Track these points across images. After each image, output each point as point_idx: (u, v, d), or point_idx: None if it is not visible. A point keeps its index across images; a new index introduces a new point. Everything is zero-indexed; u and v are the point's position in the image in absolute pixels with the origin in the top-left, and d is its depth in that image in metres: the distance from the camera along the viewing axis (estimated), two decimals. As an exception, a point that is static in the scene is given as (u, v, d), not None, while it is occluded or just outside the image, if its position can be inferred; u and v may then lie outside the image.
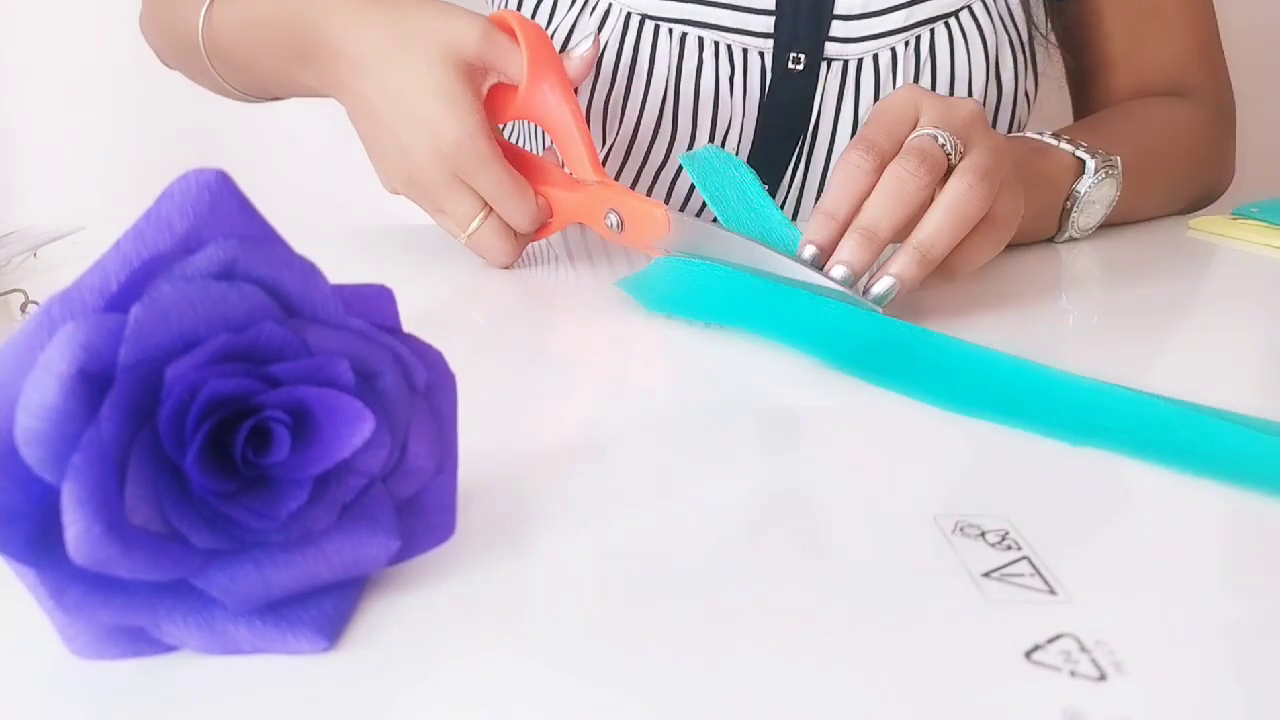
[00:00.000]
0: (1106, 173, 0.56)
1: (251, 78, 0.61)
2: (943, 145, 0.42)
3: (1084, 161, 0.56)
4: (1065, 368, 0.36)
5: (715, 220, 0.48)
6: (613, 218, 0.49)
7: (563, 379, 0.39)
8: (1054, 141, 0.56)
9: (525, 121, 0.69)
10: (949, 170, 0.43)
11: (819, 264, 0.42)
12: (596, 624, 0.22)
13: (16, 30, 1.03)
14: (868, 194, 0.42)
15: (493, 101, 0.52)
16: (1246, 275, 0.55)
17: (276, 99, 0.65)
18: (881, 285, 0.41)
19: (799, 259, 0.42)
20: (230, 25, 0.59)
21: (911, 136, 0.43)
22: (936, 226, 0.41)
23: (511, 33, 0.50)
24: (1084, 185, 0.56)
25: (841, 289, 0.41)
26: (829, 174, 0.45)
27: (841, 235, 0.42)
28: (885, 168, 0.42)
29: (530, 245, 0.57)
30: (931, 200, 0.42)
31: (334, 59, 0.52)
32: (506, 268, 0.52)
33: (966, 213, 0.41)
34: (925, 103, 0.45)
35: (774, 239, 0.46)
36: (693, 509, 0.28)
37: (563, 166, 0.53)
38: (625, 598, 0.23)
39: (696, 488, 0.29)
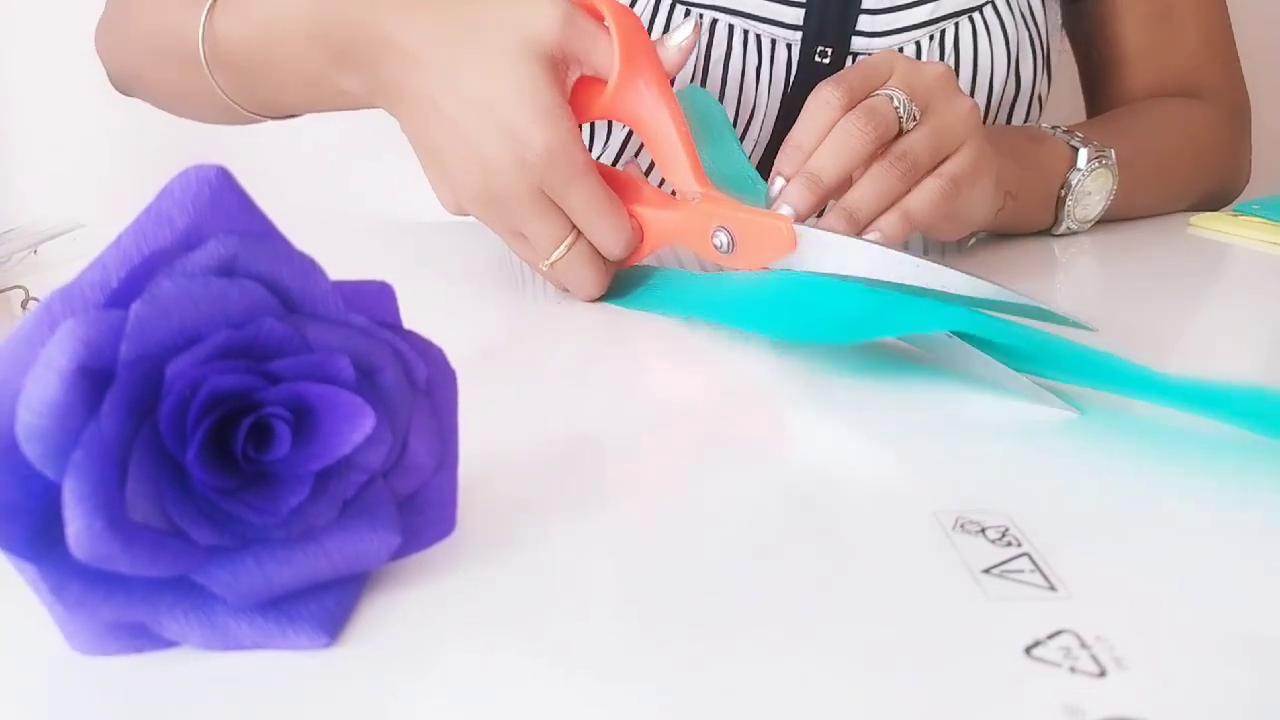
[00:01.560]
0: (1100, 163, 0.56)
1: (265, 89, 0.54)
2: (896, 108, 0.44)
3: (1077, 151, 0.56)
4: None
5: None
6: (722, 237, 0.42)
7: (565, 375, 0.39)
8: (1050, 132, 0.57)
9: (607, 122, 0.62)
10: (901, 132, 0.45)
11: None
12: (598, 620, 0.22)
13: (16, 29, 1.03)
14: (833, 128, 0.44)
15: (574, 98, 0.44)
16: (1247, 272, 0.55)
17: (288, 115, 0.58)
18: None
19: (770, 196, 0.43)
20: (243, 29, 0.52)
21: (871, 94, 0.45)
22: (860, 194, 0.44)
23: (598, 16, 0.44)
24: (1077, 175, 0.56)
25: (1024, 299, 0.35)
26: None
27: None
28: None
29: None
30: (877, 155, 0.44)
31: (389, 58, 0.45)
32: (590, 299, 0.46)
33: (885, 186, 0.44)
34: (898, 64, 0.46)
35: (742, 181, 0.46)
36: (694, 506, 0.28)
37: (648, 177, 0.47)
38: (626, 594, 0.23)
39: (698, 485, 0.29)
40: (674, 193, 0.46)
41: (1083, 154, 0.56)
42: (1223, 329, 0.46)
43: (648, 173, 0.59)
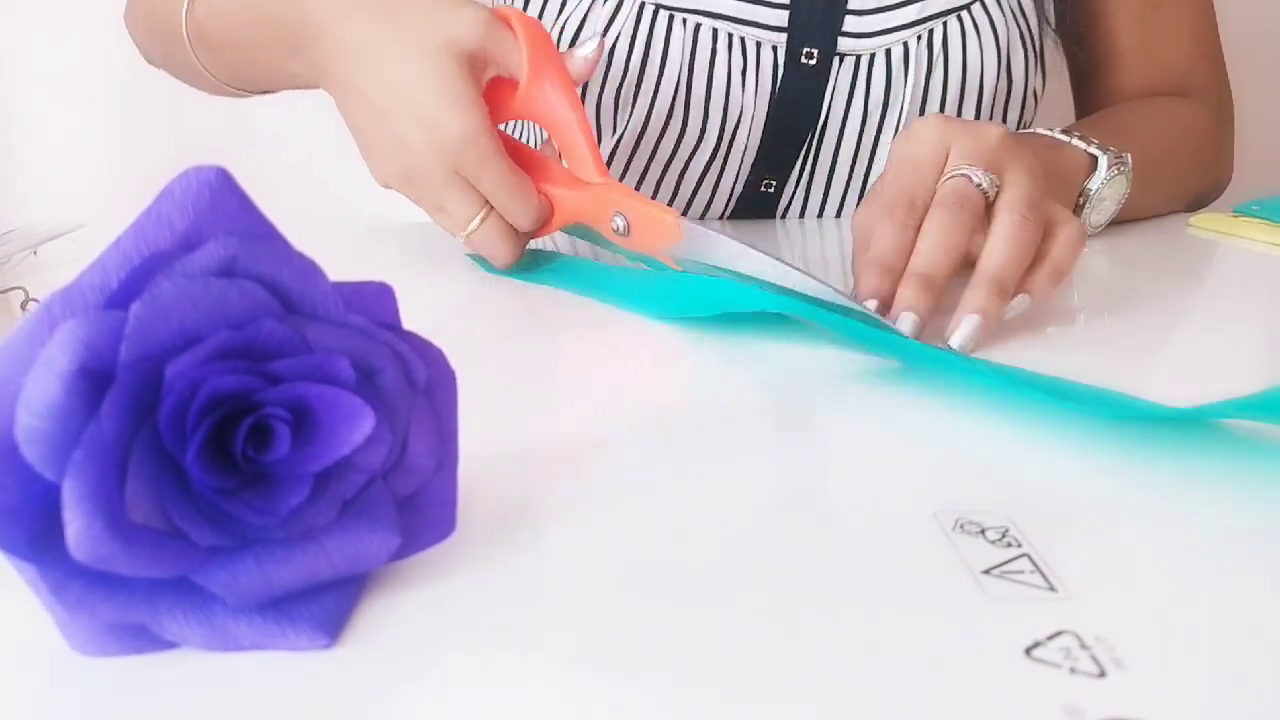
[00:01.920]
0: (1118, 169, 0.56)
1: (237, 67, 0.59)
2: (979, 185, 0.42)
3: (1096, 158, 0.56)
4: (1063, 365, 0.36)
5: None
6: (619, 220, 0.48)
7: (564, 377, 0.39)
8: (1065, 138, 0.56)
9: (524, 121, 0.68)
10: (989, 203, 0.43)
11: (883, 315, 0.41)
12: (597, 620, 0.22)
13: (17, 29, 1.03)
14: (914, 245, 0.42)
15: (491, 99, 0.50)
16: (1247, 273, 0.55)
17: (265, 92, 0.63)
18: (969, 325, 0.39)
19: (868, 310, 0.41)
20: (216, 12, 0.57)
21: (944, 178, 0.43)
22: (1002, 257, 0.41)
23: (512, 28, 0.49)
24: (1096, 182, 0.56)
25: (851, 304, 0.39)
26: (872, 229, 0.44)
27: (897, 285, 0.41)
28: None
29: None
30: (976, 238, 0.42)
31: (324, 47, 0.49)
32: (506, 268, 0.51)
33: (1024, 242, 0.41)
34: (953, 137, 0.44)
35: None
36: (693, 507, 0.28)
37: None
38: (626, 595, 0.23)
39: (697, 486, 0.29)
40: None
41: (1103, 161, 0.55)
42: (1222, 329, 0.46)
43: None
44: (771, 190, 0.66)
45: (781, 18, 0.61)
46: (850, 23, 0.61)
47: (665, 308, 0.44)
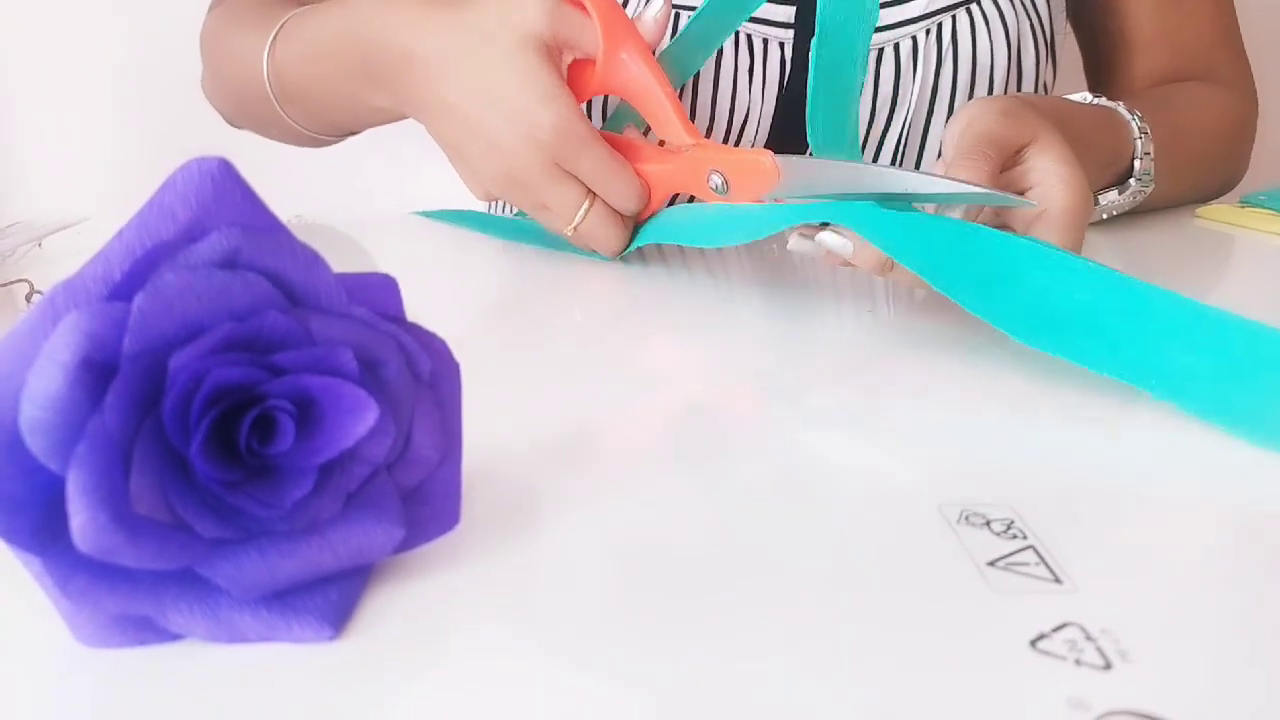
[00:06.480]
0: (1132, 198, 0.57)
1: (323, 113, 0.60)
2: None
3: (1131, 171, 0.56)
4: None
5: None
6: (716, 179, 0.46)
7: (568, 367, 0.39)
8: (1136, 146, 0.56)
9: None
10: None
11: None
12: (602, 613, 0.22)
13: (19, 21, 1.03)
14: None
15: (573, 82, 0.49)
16: (1255, 263, 0.55)
17: (351, 133, 0.64)
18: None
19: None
20: (295, 62, 0.57)
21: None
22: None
23: (579, 5, 0.48)
24: (1108, 198, 0.56)
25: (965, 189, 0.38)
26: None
27: None
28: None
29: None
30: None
31: (407, 69, 0.50)
32: (616, 255, 0.50)
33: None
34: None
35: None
36: (698, 499, 0.28)
37: (646, 134, 0.51)
38: (630, 586, 0.23)
39: (702, 477, 0.29)
40: (661, 143, 0.50)
41: (1131, 183, 0.56)
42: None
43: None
44: None
45: (789, 14, 0.60)
46: None
47: (760, 225, 0.42)
